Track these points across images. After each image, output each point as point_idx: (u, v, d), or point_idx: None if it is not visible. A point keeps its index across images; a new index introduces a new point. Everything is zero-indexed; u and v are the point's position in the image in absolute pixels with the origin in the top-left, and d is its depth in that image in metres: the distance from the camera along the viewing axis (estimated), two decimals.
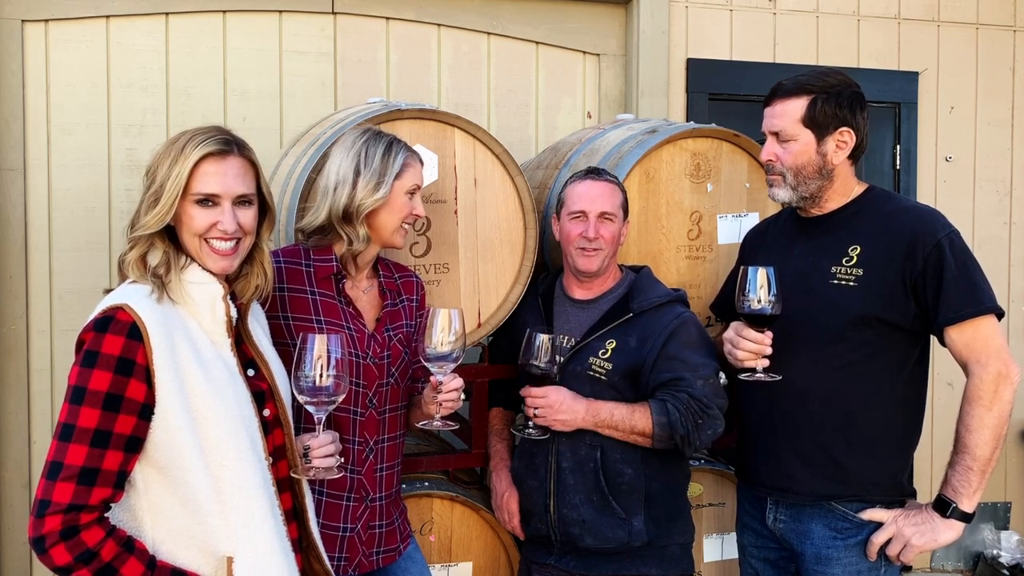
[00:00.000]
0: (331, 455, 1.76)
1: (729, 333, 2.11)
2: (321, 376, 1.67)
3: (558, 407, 2.17)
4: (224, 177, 1.62)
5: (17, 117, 3.22)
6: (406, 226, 2.08)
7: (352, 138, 2.07)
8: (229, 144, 1.64)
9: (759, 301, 1.99)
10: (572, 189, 2.33)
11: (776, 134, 2.16)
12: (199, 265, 1.64)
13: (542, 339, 2.10)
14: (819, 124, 2.11)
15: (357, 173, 2.01)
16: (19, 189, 3.23)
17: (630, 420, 2.19)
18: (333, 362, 1.68)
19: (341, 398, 1.72)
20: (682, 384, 2.19)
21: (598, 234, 2.25)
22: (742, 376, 2.08)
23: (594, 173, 2.34)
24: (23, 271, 3.25)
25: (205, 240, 1.63)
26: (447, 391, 1.93)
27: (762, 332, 2.02)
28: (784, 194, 2.17)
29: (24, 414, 3.27)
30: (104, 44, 3.30)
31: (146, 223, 1.60)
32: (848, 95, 2.13)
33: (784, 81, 2.17)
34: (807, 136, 2.12)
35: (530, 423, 2.21)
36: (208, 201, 1.62)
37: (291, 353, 1.90)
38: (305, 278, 2.03)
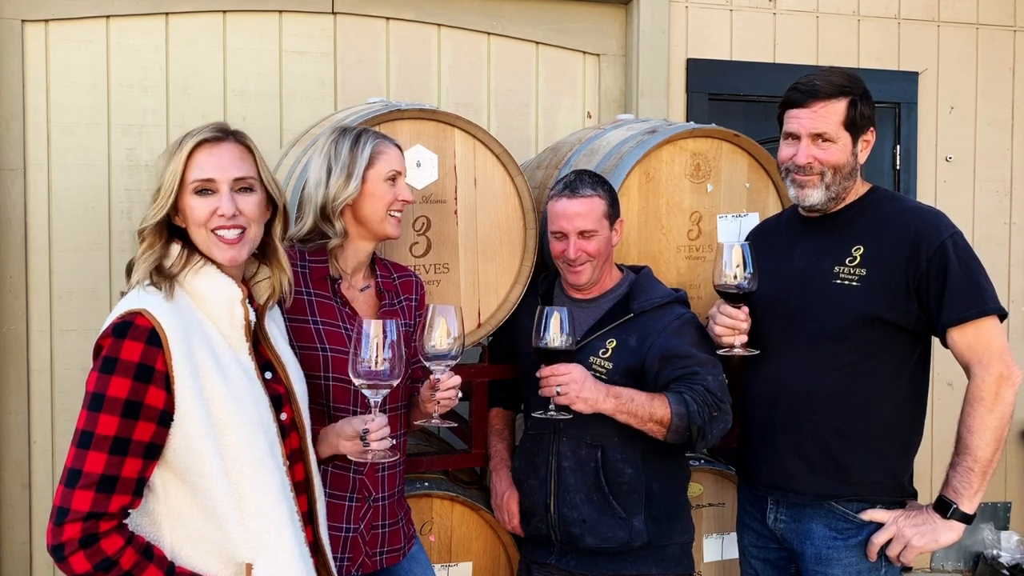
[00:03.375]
0: (386, 437, 1.79)
1: (712, 310, 2.16)
2: (377, 361, 1.71)
3: (583, 383, 2.07)
4: (219, 160, 1.62)
5: (17, 117, 3.22)
6: (396, 214, 2.05)
7: (323, 140, 2.09)
8: (223, 131, 1.65)
9: (735, 277, 2.03)
10: (551, 207, 2.29)
11: (817, 135, 2.11)
12: (216, 267, 1.63)
13: (555, 315, 2.02)
14: (856, 126, 2.12)
15: (329, 171, 2.03)
16: (19, 189, 3.23)
17: (649, 407, 2.13)
18: (389, 346, 1.72)
19: (396, 381, 1.75)
20: (697, 378, 2.17)
21: (579, 251, 2.22)
22: (721, 351, 2.12)
23: (570, 188, 2.26)
24: (23, 271, 3.25)
25: (212, 232, 1.62)
26: (444, 389, 1.93)
27: (738, 307, 2.06)
28: (817, 195, 2.14)
29: (24, 414, 3.27)
30: (104, 44, 3.30)
31: (147, 217, 1.61)
32: (870, 96, 2.15)
33: (815, 82, 2.12)
34: (846, 138, 2.12)
35: (551, 405, 2.08)
36: (206, 190, 1.61)
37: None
38: (301, 279, 2.03)
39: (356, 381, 1.73)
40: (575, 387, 2.05)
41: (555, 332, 2.02)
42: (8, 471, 3.27)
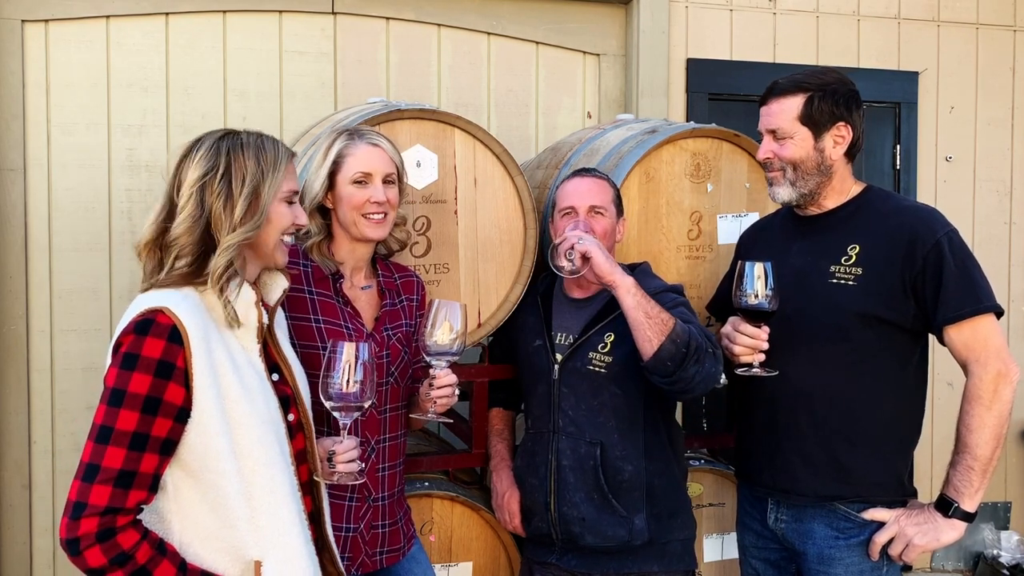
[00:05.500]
0: (354, 460, 1.78)
1: (726, 328, 2.12)
2: (349, 383, 1.70)
3: (600, 244, 2.10)
4: (297, 176, 1.74)
5: (17, 117, 3.22)
6: (374, 216, 2.03)
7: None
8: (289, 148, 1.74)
9: (756, 296, 1.99)
10: (562, 188, 2.32)
11: (773, 132, 2.16)
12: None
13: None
14: (816, 121, 2.12)
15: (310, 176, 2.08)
16: (19, 189, 3.23)
17: (658, 306, 2.08)
18: (360, 369, 1.70)
19: (367, 404, 1.73)
20: (693, 324, 2.14)
21: (589, 228, 2.21)
22: (739, 371, 2.08)
23: (581, 171, 2.33)
24: (23, 271, 3.25)
25: (280, 238, 1.69)
26: (439, 386, 1.93)
27: (759, 327, 2.02)
28: (784, 192, 2.17)
29: (24, 414, 3.27)
30: (104, 44, 3.30)
31: (247, 228, 1.60)
32: (844, 92, 2.14)
33: (779, 80, 2.18)
34: (804, 133, 2.13)
35: (572, 256, 2.10)
36: (292, 202, 1.70)
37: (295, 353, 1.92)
38: (303, 278, 2.04)
39: (327, 404, 1.72)
40: (595, 244, 2.10)
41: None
42: (8, 471, 3.27)
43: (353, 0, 3.52)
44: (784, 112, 2.14)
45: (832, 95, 2.12)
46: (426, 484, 2.48)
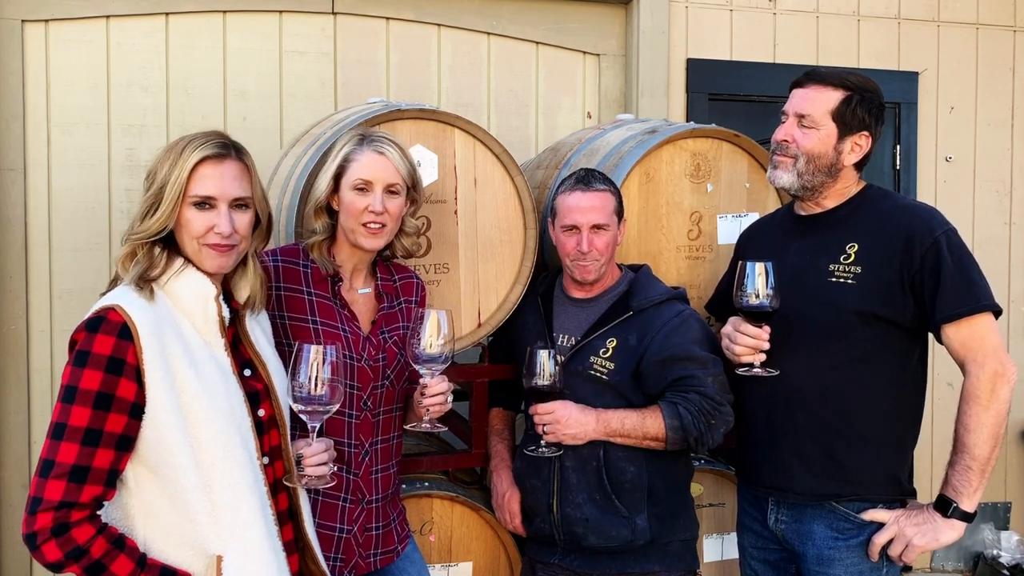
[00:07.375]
0: (324, 463, 1.77)
1: (727, 328, 2.12)
2: (316, 386, 1.68)
3: (566, 421, 2.16)
4: (221, 180, 1.64)
5: (17, 117, 3.22)
6: (372, 226, 2.00)
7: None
8: (227, 148, 1.67)
9: (757, 296, 1.99)
10: (563, 200, 2.29)
11: (801, 117, 2.14)
12: (195, 268, 1.66)
13: (543, 356, 2.07)
14: (846, 122, 2.12)
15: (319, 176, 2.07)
16: (19, 189, 3.23)
17: (642, 427, 2.18)
18: (327, 372, 1.69)
19: (335, 408, 1.72)
20: (694, 382, 2.18)
21: (592, 247, 2.23)
22: (739, 371, 2.08)
23: (583, 182, 2.27)
24: (23, 271, 3.25)
25: (204, 243, 1.65)
26: (431, 394, 1.93)
27: (760, 327, 2.02)
28: (787, 179, 2.16)
29: (24, 414, 3.27)
30: (104, 44, 3.30)
31: (147, 227, 1.62)
32: (878, 104, 2.15)
33: (821, 68, 2.18)
34: (831, 129, 2.12)
35: (542, 442, 2.19)
36: (205, 204, 1.64)
37: (287, 352, 1.92)
38: (302, 278, 2.04)
39: (294, 407, 1.70)
40: (559, 427, 2.16)
41: (543, 373, 2.07)
42: (8, 471, 3.27)
43: (353, 0, 3.52)
44: (820, 101, 2.12)
45: (869, 102, 2.13)
46: (426, 484, 2.48)
